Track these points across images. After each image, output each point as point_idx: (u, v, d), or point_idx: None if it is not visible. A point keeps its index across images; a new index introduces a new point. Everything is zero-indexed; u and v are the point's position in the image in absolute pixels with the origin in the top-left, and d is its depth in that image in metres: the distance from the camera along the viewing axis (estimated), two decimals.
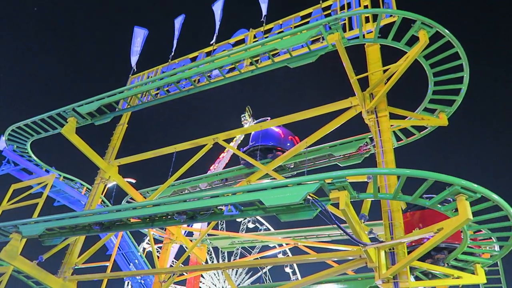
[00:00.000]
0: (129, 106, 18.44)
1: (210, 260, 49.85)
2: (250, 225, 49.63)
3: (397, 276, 10.16)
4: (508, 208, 9.31)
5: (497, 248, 12.41)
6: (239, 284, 50.01)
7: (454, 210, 9.36)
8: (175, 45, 20.56)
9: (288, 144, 18.61)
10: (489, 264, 12.79)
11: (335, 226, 9.79)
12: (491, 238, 12.36)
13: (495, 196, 8.92)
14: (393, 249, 10.52)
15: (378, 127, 13.04)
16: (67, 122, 18.05)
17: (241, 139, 40.46)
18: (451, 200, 9.25)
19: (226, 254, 50.07)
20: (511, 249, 12.03)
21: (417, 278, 14.13)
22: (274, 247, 25.78)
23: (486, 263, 12.44)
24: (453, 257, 12.62)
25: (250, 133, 18.79)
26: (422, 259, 12.33)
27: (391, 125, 14.20)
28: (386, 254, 10.54)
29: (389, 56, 14.47)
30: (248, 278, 51.55)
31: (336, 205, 9.36)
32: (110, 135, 21.11)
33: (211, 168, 42.41)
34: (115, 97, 17.41)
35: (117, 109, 18.38)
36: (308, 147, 16.53)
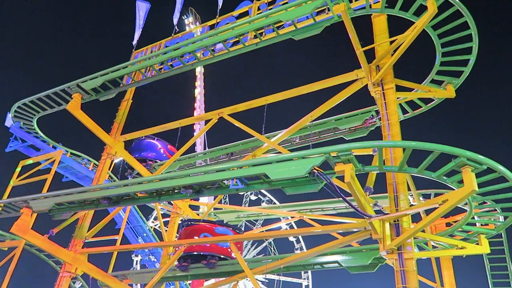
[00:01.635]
0: (133, 82, 18.38)
1: None
2: (253, 197, 50.08)
3: (402, 247, 10.31)
4: None
5: (501, 219, 12.48)
6: (245, 256, 51.09)
7: (459, 181, 9.37)
8: (177, 19, 20.24)
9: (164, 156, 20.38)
10: (493, 235, 12.91)
11: (340, 199, 9.88)
12: (496, 210, 12.41)
13: (501, 167, 8.90)
14: (397, 221, 10.62)
15: (384, 100, 12.92)
16: (72, 98, 18.09)
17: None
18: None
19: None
20: None
21: (420, 249, 14.35)
22: (279, 220, 26.16)
23: (490, 234, 12.54)
24: (458, 228, 12.75)
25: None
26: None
27: (397, 98, 14.05)
28: (390, 225, 10.65)
29: (396, 27, 14.17)
30: (254, 249, 52.47)
31: (341, 178, 9.40)
32: (115, 111, 21.16)
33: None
34: (119, 72, 17.33)
35: (121, 85, 18.31)
36: (314, 120, 16.45)
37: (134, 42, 21.29)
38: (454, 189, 9.62)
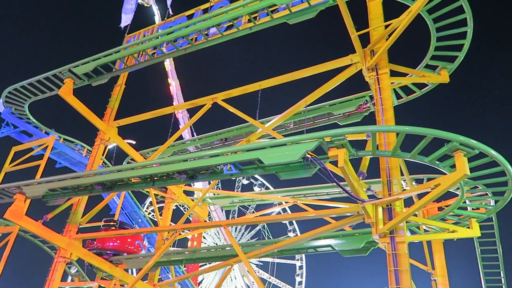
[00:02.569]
0: (126, 66, 18.15)
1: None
2: (245, 182, 50.42)
3: (394, 231, 10.43)
4: (506, 163, 9.40)
5: (492, 203, 12.65)
6: (239, 240, 51.58)
7: (451, 166, 9.44)
8: (170, 1, 19.94)
9: None
10: (484, 219, 13.09)
11: (334, 184, 9.93)
12: (487, 194, 12.56)
13: (493, 152, 8.97)
14: (390, 205, 10.71)
15: (378, 85, 12.89)
16: (63, 84, 17.87)
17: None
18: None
19: (224, 212, 51.18)
20: (505, 205, 12.27)
21: (412, 233, 14.54)
22: (272, 205, 26.29)
23: (481, 218, 12.72)
24: (450, 212, 12.91)
25: None
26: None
27: (392, 83, 14.03)
28: (383, 210, 10.76)
29: (391, 12, 14.05)
30: (248, 233, 52.92)
31: (335, 163, 9.43)
32: (108, 97, 20.97)
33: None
34: (111, 57, 17.10)
35: (114, 70, 18.09)
36: (308, 105, 16.44)
37: (122, 25, 20.96)
38: (446, 174, 9.70)
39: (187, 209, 20.76)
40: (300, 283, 51.97)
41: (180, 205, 46.20)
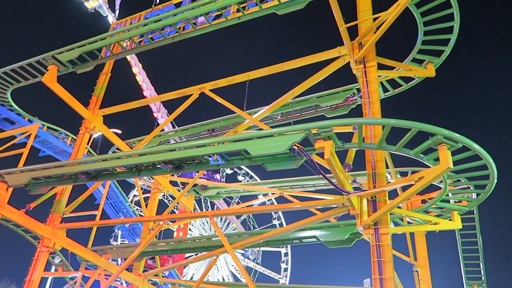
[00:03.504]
0: (112, 54, 17.83)
1: (206, 208, 51.07)
2: (229, 171, 50.40)
3: (378, 222, 10.57)
4: (488, 157, 9.57)
5: (474, 196, 12.89)
6: (225, 230, 51.79)
7: (435, 159, 9.57)
8: None
9: None
10: (466, 211, 13.35)
11: (320, 175, 9.98)
12: (469, 187, 12.80)
13: (475, 146, 9.12)
14: (375, 197, 10.84)
15: (366, 78, 12.95)
16: (47, 70, 17.50)
17: None
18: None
19: (208, 201, 51.22)
20: (486, 198, 12.52)
21: (396, 224, 14.76)
22: (256, 197, 26.38)
23: (462, 210, 12.97)
24: (433, 204, 13.12)
25: None
26: None
27: (379, 76, 14.10)
28: (368, 202, 10.88)
29: (379, 5, 14.07)
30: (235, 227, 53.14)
31: (321, 155, 9.48)
32: (94, 85, 20.61)
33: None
34: (97, 44, 16.79)
35: (99, 57, 17.76)
36: (296, 97, 16.44)
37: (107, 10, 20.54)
38: (430, 167, 9.84)
39: (172, 200, 20.60)
40: (285, 269, 52.45)
41: (164, 199, 46.08)
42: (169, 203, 45.06)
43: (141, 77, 37.47)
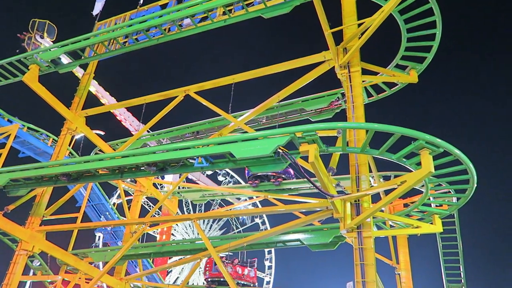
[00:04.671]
0: (95, 54, 17.59)
1: (187, 211, 50.61)
2: (221, 178, 50.03)
3: (361, 226, 10.66)
4: (468, 162, 9.75)
5: (454, 200, 13.12)
6: (208, 232, 51.44)
7: (417, 163, 9.72)
8: None
9: None
10: (446, 215, 13.58)
11: (304, 179, 10.01)
12: (450, 191, 13.03)
13: (456, 151, 9.30)
14: (358, 200, 10.93)
15: (350, 82, 13.08)
16: (28, 70, 17.15)
17: None
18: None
19: (190, 204, 50.85)
20: (466, 202, 12.76)
21: (379, 228, 14.90)
22: (239, 200, 26.32)
23: (443, 214, 13.18)
24: (414, 208, 13.31)
25: None
26: None
27: (363, 81, 14.27)
28: (351, 205, 10.96)
29: (364, 12, 14.25)
30: (216, 224, 52.68)
31: (306, 159, 9.52)
32: (77, 85, 20.27)
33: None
34: (80, 43, 16.53)
35: (82, 57, 17.51)
36: (281, 101, 16.50)
37: (94, 12, 20.30)
38: (412, 171, 9.98)
39: (153, 206, 20.30)
40: (269, 267, 52.24)
41: (145, 204, 45.49)
42: (150, 208, 44.54)
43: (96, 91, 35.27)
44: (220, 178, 49.80)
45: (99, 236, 38.00)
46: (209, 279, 19.78)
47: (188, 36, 15.85)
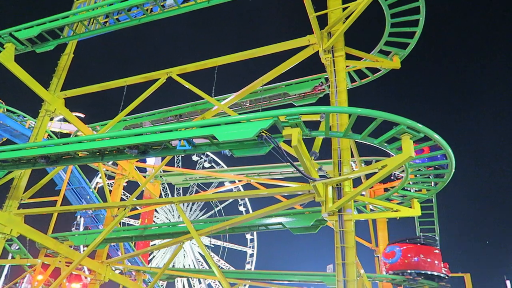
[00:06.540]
0: (74, 34, 17.05)
1: (166, 196, 50.42)
2: (207, 165, 49.72)
3: (342, 209, 10.82)
4: (447, 147, 9.94)
5: (433, 185, 13.41)
6: (189, 214, 51.61)
7: (398, 148, 9.85)
8: None
9: None
10: (425, 199, 13.89)
11: (287, 163, 10.04)
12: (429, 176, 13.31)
13: (436, 136, 9.44)
14: (340, 184, 11.06)
15: (334, 67, 13.09)
16: (4, 48, 16.54)
17: None
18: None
19: (181, 190, 50.80)
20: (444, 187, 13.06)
21: (360, 212, 15.16)
22: (223, 184, 26.36)
23: (422, 198, 13.47)
24: (394, 192, 13.56)
25: None
26: None
27: (347, 66, 14.30)
28: (333, 189, 11.09)
29: None
30: (203, 215, 52.97)
31: (289, 143, 9.52)
32: (56, 66, 19.68)
33: None
34: (58, 22, 15.98)
35: (61, 37, 16.95)
36: (265, 85, 16.40)
37: None
38: (393, 156, 10.12)
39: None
40: (252, 240, 52.72)
41: (123, 196, 45.04)
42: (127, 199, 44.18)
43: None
44: (194, 158, 49.23)
45: (80, 218, 37.64)
46: (412, 271, 19.59)
47: (171, 17, 15.52)
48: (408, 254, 19.91)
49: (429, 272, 19.48)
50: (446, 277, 20.05)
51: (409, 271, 19.39)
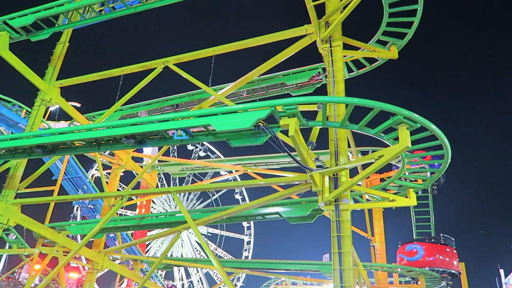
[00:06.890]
0: (69, 22, 16.87)
1: (162, 186, 50.49)
2: (202, 154, 49.74)
3: (339, 199, 10.87)
4: (443, 137, 9.96)
5: (428, 175, 13.48)
6: (186, 203, 51.79)
7: (395, 138, 9.87)
8: None
9: None
10: (421, 189, 13.97)
11: (284, 153, 10.05)
12: (424, 166, 13.37)
13: (433, 126, 9.46)
14: (336, 174, 11.10)
15: (331, 57, 13.04)
16: None
17: None
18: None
19: (177, 180, 50.85)
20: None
21: (356, 202, 15.24)
22: (220, 174, 26.39)
23: (418, 188, 13.55)
24: (391, 182, 13.63)
25: None
26: None
27: (344, 56, 14.24)
28: (330, 179, 11.13)
29: None
30: (199, 204, 53.12)
31: (286, 132, 9.53)
32: (51, 55, 19.49)
33: None
34: (53, 10, 15.80)
35: (56, 25, 16.77)
36: (262, 74, 16.35)
37: None
38: (390, 146, 10.14)
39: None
40: (248, 227, 53.10)
41: (120, 187, 45.03)
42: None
43: None
44: (189, 147, 49.21)
45: (77, 208, 37.67)
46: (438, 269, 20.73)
47: (168, 6, 15.37)
48: (430, 252, 21.27)
49: (447, 270, 20.97)
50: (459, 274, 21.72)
51: (436, 269, 20.84)
